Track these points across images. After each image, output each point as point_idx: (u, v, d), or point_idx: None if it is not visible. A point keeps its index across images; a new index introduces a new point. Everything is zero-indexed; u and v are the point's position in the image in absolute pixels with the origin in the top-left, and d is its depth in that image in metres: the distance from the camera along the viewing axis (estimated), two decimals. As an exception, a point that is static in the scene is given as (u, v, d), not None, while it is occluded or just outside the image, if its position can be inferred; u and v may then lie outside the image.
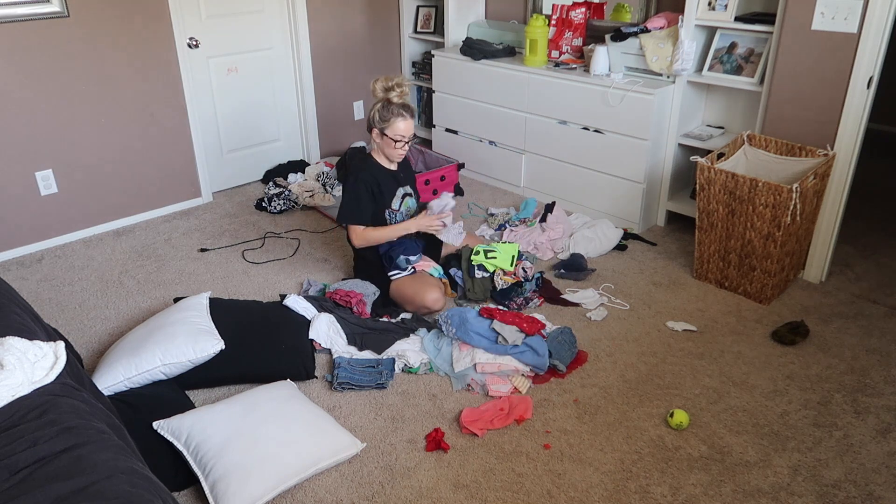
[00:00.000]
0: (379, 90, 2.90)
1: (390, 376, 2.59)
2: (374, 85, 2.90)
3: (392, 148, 2.95)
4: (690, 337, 2.87)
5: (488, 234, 3.71)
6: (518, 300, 3.05)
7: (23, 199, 3.56)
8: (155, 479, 1.60)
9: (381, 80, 2.90)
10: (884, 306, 3.06)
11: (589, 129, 3.73)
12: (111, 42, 3.61)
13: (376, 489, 2.14)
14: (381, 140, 2.95)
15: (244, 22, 4.16)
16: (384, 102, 2.90)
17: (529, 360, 2.60)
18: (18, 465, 1.51)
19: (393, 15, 4.87)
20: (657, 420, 2.41)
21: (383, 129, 2.91)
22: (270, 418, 2.22)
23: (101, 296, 3.24)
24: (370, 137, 3.02)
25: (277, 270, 3.43)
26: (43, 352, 1.88)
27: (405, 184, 3.14)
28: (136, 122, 3.83)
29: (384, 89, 2.89)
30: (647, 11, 3.81)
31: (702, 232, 3.16)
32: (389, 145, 2.95)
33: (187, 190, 4.16)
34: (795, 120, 3.13)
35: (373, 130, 2.96)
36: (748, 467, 2.20)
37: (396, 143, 2.94)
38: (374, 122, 2.92)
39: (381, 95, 2.90)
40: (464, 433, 2.35)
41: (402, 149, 2.98)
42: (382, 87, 2.89)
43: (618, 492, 2.11)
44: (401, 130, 2.92)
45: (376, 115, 2.91)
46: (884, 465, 2.20)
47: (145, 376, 2.43)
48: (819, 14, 2.91)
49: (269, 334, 2.65)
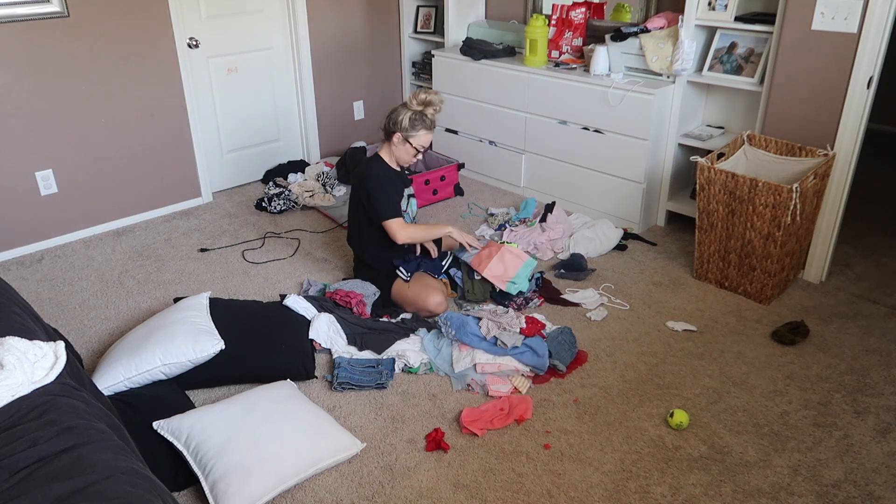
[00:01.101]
0: (417, 102, 2.93)
1: (390, 376, 2.59)
2: (416, 95, 2.93)
3: (410, 155, 3.01)
4: (690, 337, 2.87)
5: (488, 234, 3.71)
6: (518, 300, 3.05)
7: (23, 199, 3.56)
8: (155, 479, 1.59)
9: (423, 93, 2.94)
10: (884, 306, 3.06)
11: (589, 129, 3.73)
12: (111, 42, 3.61)
13: (376, 489, 2.14)
14: (403, 146, 2.97)
15: (244, 22, 4.16)
16: (418, 113, 2.93)
17: (529, 360, 2.60)
18: (18, 465, 1.51)
19: (393, 15, 4.87)
20: (657, 420, 2.41)
21: (409, 136, 2.95)
22: (270, 418, 2.22)
23: (101, 296, 3.24)
24: (384, 139, 3.03)
25: (277, 270, 3.43)
26: (43, 352, 1.88)
27: (408, 184, 3.17)
28: (136, 122, 3.83)
29: (423, 103, 2.93)
30: (647, 11, 3.81)
31: (702, 232, 3.16)
32: (409, 153, 3.00)
33: (187, 190, 4.16)
34: (795, 120, 3.13)
35: (395, 135, 2.96)
36: (748, 467, 2.20)
37: (417, 153, 3.01)
38: (401, 127, 2.94)
39: (416, 108, 2.93)
40: (464, 433, 2.35)
41: (418, 157, 3.04)
42: (423, 100, 2.93)
43: (618, 492, 2.11)
44: (425, 142, 3.00)
45: (405, 122, 2.93)
46: (884, 465, 2.20)
47: (145, 376, 2.43)
48: (819, 14, 2.91)
49: (269, 334, 2.65)
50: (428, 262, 3.10)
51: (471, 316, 2.78)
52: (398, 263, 3.05)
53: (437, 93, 2.98)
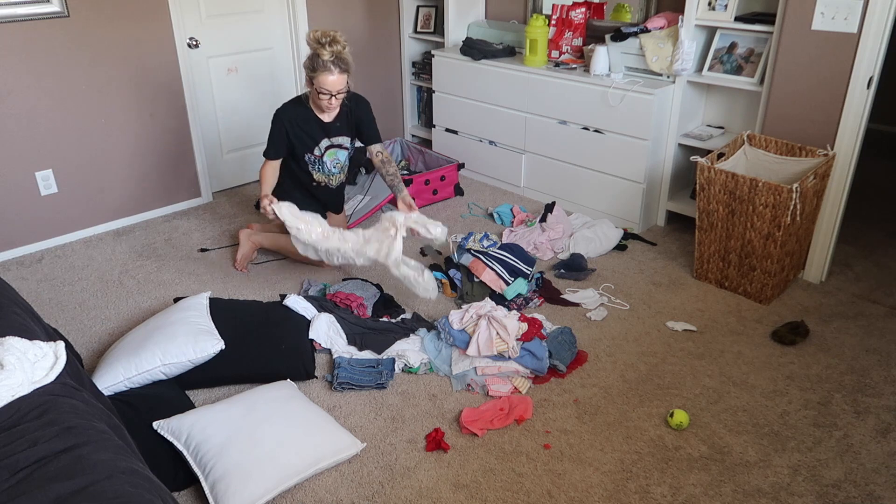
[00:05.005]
0: (312, 41, 2.85)
1: (390, 376, 2.59)
2: (310, 34, 2.86)
3: (318, 99, 2.94)
4: (690, 337, 2.87)
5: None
6: (518, 300, 3.05)
7: (23, 199, 3.56)
8: (155, 479, 1.59)
9: (317, 32, 2.85)
10: (884, 306, 3.06)
11: (589, 129, 3.73)
12: (111, 42, 3.61)
13: (376, 489, 2.14)
14: (310, 88, 2.96)
15: (244, 22, 4.16)
16: (314, 53, 2.87)
17: (529, 363, 2.60)
18: (18, 465, 1.51)
19: (393, 15, 4.87)
20: (657, 420, 2.41)
21: (312, 77, 2.92)
22: (270, 418, 2.22)
23: (101, 296, 3.24)
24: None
25: (277, 270, 3.43)
26: (43, 352, 1.88)
27: (337, 135, 3.12)
28: (136, 122, 3.83)
29: (316, 41, 2.84)
30: (647, 11, 3.81)
31: (702, 232, 3.16)
32: (316, 96, 2.96)
33: (187, 190, 4.16)
34: (795, 120, 3.13)
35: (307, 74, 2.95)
36: (748, 467, 2.20)
37: (321, 95, 2.93)
38: (306, 66, 2.92)
39: (313, 46, 2.86)
40: (464, 433, 2.35)
41: (330, 102, 2.95)
42: (315, 38, 2.84)
43: (618, 492, 2.11)
44: (326, 84, 2.90)
45: (307, 62, 2.90)
46: (884, 465, 2.20)
47: (145, 376, 2.43)
48: (819, 14, 2.91)
49: (270, 334, 2.65)
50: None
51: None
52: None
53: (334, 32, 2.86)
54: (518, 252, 3.13)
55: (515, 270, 3.05)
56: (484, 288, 3.05)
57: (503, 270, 3.03)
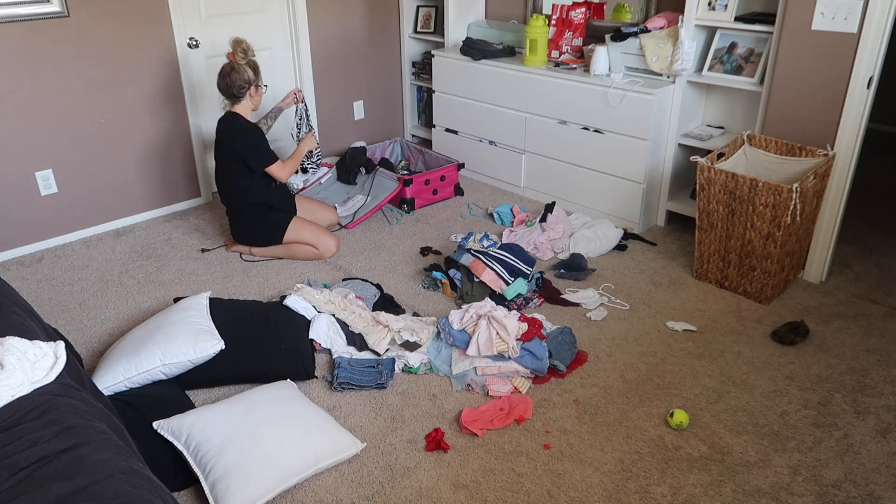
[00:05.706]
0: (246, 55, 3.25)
1: (390, 376, 2.59)
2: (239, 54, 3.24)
3: (261, 96, 3.38)
4: (690, 337, 2.87)
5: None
6: (518, 300, 3.05)
7: (23, 199, 3.56)
8: (155, 479, 1.59)
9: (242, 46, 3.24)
10: (884, 306, 3.06)
11: (589, 129, 3.73)
12: (111, 42, 3.61)
13: (376, 489, 2.14)
14: (256, 93, 3.33)
15: (244, 22, 4.16)
16: (251, 62, 3.28)
17: (529, 364, 2.60)
18: (18, 465, 1.51)
19: (393, 15, 4.87)
20: (657, 420, 2.41)
21: (258, 83, 3.33)
22: (270, 418, 2.22)
23: (101, 296, 3.24)
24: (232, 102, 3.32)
25: (277, 270, 3.43)
26: (43, 352, 1.87)
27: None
28: (136, 122, 3.83)
29: (244, 51, 3.25)
30: (647, 11, 3.81)
31: (702, 232, 3.17)
32: (261, 94, 3.37)
33: (187, 190, 4.16)
34: (795, 120, 3.13)
35: (251, 88, 3.30)
36: (748, 467, 2.20)
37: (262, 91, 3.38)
38: (252, 80, 3.28)
39: (250, 58, 3.27)
40: (464, 433, 2.35)
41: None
42: (244, 50, 3.25)
43: (618, 492, 2.11)
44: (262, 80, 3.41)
45: (251, 75, 3.27)
46: (884, 465, 2.20)
47: (145, 376, 2.43)
48: (819, 14, 2.91)
49: (270, 334, 2.65)
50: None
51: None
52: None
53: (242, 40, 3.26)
54: (518, 252, 3.13)
55: (515, 270, 3.05)
56: (484, 288, 3.05)
57: (503, 270, 3.03)
